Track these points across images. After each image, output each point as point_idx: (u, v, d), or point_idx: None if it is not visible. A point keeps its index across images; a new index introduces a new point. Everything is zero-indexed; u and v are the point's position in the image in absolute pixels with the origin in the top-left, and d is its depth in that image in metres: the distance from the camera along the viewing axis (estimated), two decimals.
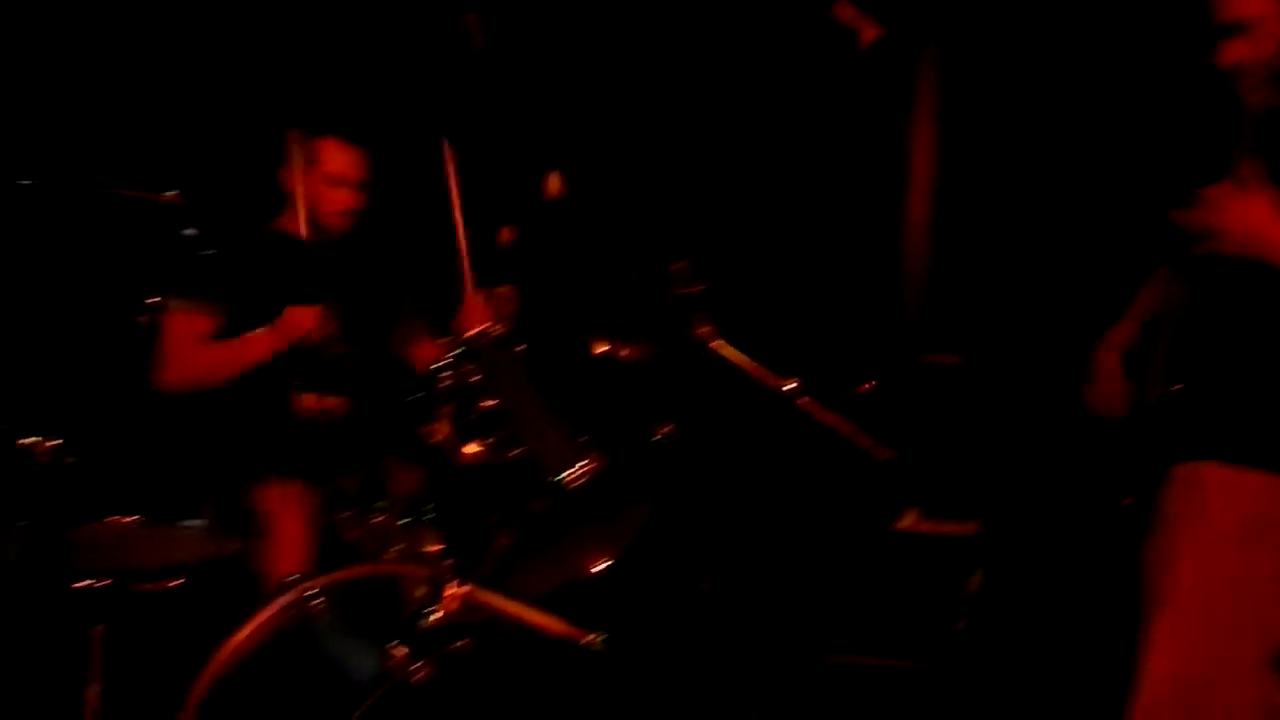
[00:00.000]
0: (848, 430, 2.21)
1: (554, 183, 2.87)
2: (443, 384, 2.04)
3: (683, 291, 2.24)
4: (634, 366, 2.34)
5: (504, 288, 2.59)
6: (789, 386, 2.16)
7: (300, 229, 2.50)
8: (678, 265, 2.25)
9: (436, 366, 2.05)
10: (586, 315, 2.41)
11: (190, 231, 2.41)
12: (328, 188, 2.57)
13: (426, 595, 1.90)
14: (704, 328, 2.22)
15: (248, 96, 3.09)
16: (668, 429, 2.26)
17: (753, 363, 2.19)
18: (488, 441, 2.06)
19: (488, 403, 2.08)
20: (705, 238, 3.31)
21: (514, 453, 2.07)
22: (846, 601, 3.04)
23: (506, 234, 2.61)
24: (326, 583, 1.96)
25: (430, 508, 2.07)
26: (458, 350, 2.08)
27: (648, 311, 2.34)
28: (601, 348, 2.32)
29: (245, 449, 2.47)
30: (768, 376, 2.19)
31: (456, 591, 1.88)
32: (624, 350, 2.34)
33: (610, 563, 2.22)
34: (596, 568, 2.22)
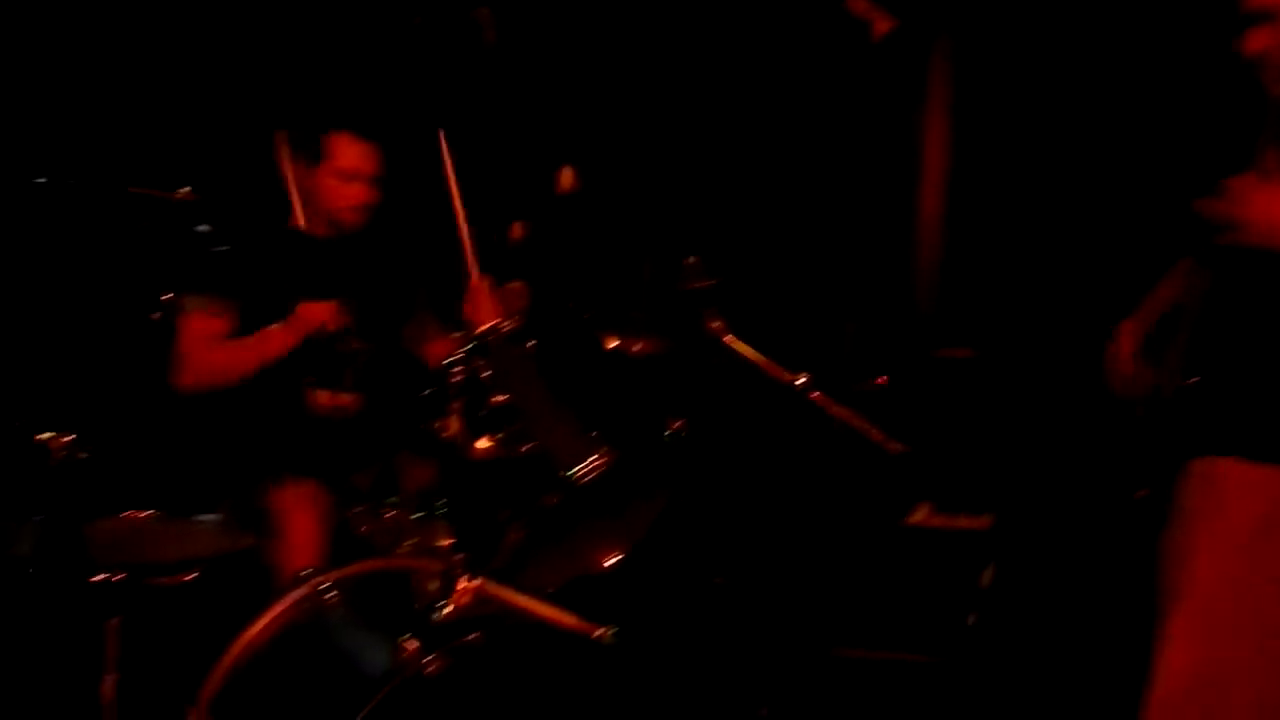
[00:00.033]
0: (859, 424, 2.20)
1: (567, 177, 2.88)
2: (454, 379, 2.04)
3: (694, 286, 2.24)
4: (645, 361, 2.34)
5: (515, 283, 2.59)
6: (800, 381, 2.16)
7: (300, 222, 2.50)
8: (689, 260, 2.25)
9: (448, 362, 2.05)
10: (598, 310, 2.42)
11: (204, 228, 2.42)
12: (340, 183, 2.57)
13: (438, 589, 1.91)
14: (715, 322, 2.22)
15: (260, 93, 3.09)
16: (679, 424, 2.26)
17: (764, 358, 2.19)
18: (499, 436, 2.07)
19: (499, 398, 2.09)
20: (717, 232, 3.31)
21: (525, 448, 2.08)
22: (858, 596, 3.03)
23: (518, 229, 2.62)
24: (339, 577, 1.98)
25: (442, 502, 2.08)
26: (469, 345, 2.09)
27: (659, 306, 2.34)
28: (613, 343, 2.33)
29: (259, 446, 2.48)
30: (779, 371, 2.19)
31: (468, 585, 1.88)
32: (635, 345, 2.34)
33: (621, 557, 2.22)
34: (608, 562, 2.22)
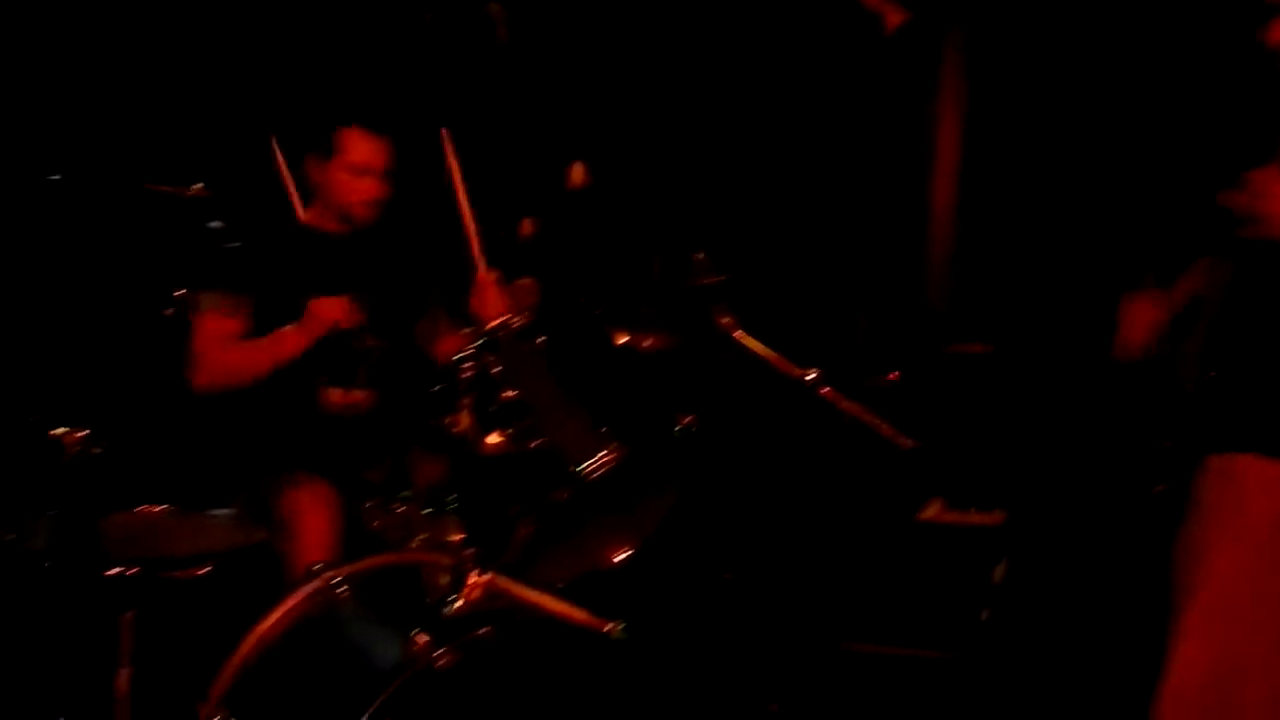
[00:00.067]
0: (870, 420, 2.20)
1: (578, 173, 2.88)
2: (465, 375, 2.05)
3: (704, 282, 2.24)
4: (655, 357, 2.34)
5: (525, 279, 2.59)
6: (810, 376, 2.15)
7: (300, 218, 2.51)
8: (698, 255, 2.25)
9: (458, 358, 2.06)
10: (608, 306, 2.42)
11: (216, 224, 2.43)
12: (352, 177, 2.57)
13: (449, 584, 1.92)
14: (725, 318, 2.22)
15: (271, 89, 3.11)
16: (689, 419, 2.26)
17: (774, 353, 2.19)
18: (509, 432, 2.07)
19: (509, 394, 2.09)
20: (727, 227, 3.30)
21: (535, 443, 2.08)
22: (870, 591, 3.03)
23: (528, 225, 2.62)
24: (351, 571, 1.99)
25: (453, 498, 2.09)
26: (479, 341, 2.09)
27: (669, 302, 2.34)
28: (623, 338, 2.33)
29: (272, 443, 2.49)
30: (789, 367, 2.18)
31: (478, 580, 1.89)
32: (645, 341, 2.34)
33: (631, 552, 2.23)
34: (617, 557, 2.22)
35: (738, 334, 2.20)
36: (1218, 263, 2.14)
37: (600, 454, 2.09)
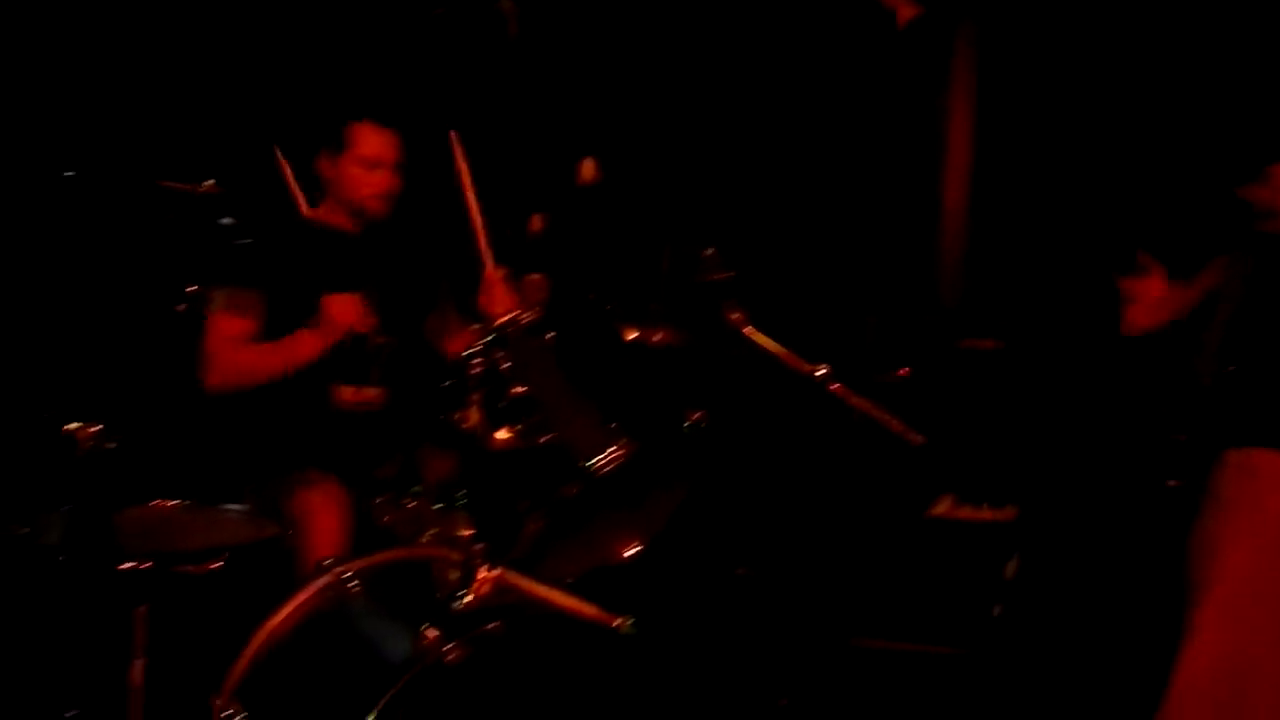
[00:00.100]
0: (880, 416, 2.19)
1: (588, 168, 2.87)
2: (474, 371, 2.06)
3: (714, 277, 2.24)
4: (665, 353, 2.34)
5: (535, 275, 2.59)
6: (820, 372, 2.15)
7: (305, 212, 2.51)
8: (708, 251, 2.25)
9: (467, 354, 2.07)
10: (617, 302, 2.42)
11: (227, 221, 2.44)
12: (364, 171, 2.57)
13: (459, 579, 1.92)
14: (735, 314, 2.22)
15: (283, 86, 3.12)
16: (698, 415, 2.26)
17: (784, 349, 2.19)
18: (518, 428, 2.08)
19: (519, 389, 2.09)
20: (737, 223, 3.30)
21: (545, 439, 2.09)
22: (881, 587, 3.03)
23: (537, 221, 2.62)
24: (362, 566, 2.00)
25: (463, 493, 2.10)
26: (489, 337, 2.10)
27: (678, 297, 2.35)
28: (632, 334, 2.33)
29: (284, 441, 2.50)
30: (799, 362, 2.18)
31: (488, 575, 1.90)
32: (655, 336, 2.34)
33: (640, 548, 2.23)
34: (627, 553, 2.23)
35: (747, 329, 2.19)
36: (1237, 257, 2.13)
37: (609, 449, 2.10)
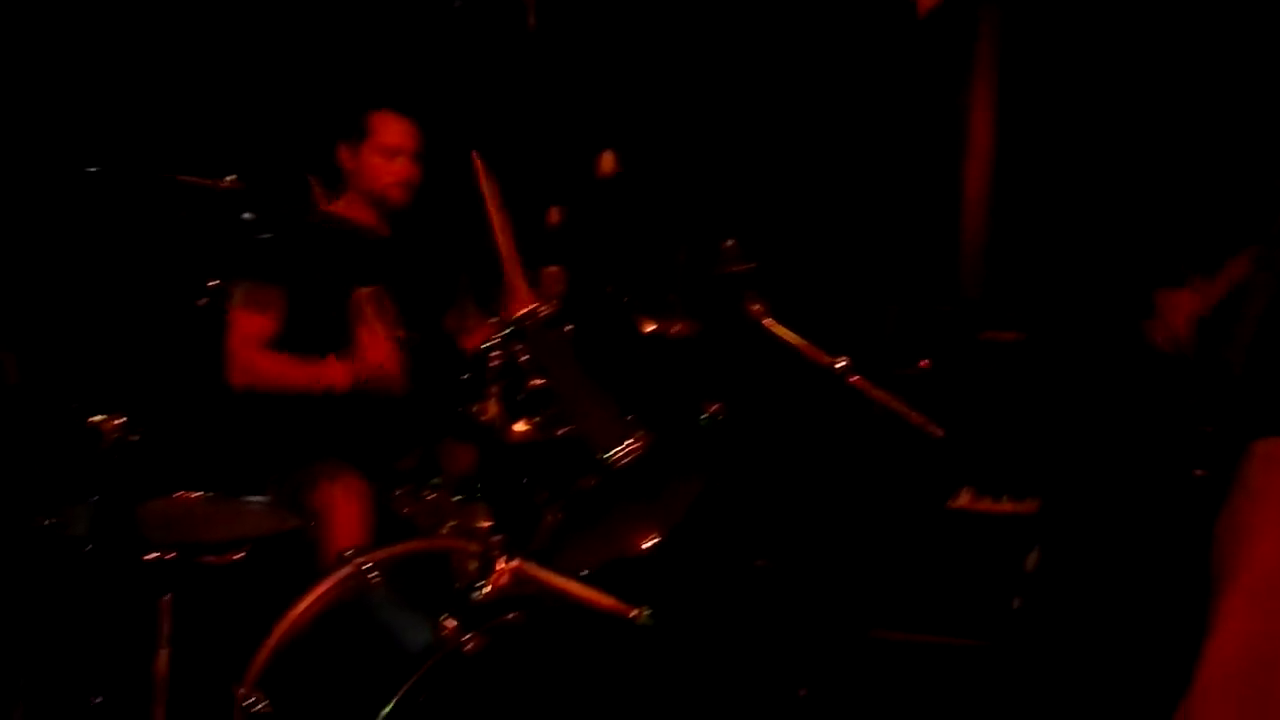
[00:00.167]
0: (900, 408, 2.19)
1: (608, 161, 2.87)
2: (492, 364, 2.06)
3: (733, 269, 2.23)
4: (683, 345, 2.34)
5: (552, 268, 2.60)
6: (840, 364, 2.14)
7: (321, 205, 2.53)
8: (727, 243, 2.24)
9: (486, 346, 2.08)
10: (635, 294, 2.42)
11: (249, 216, 2.46)
12: (385, 159, 2.59)
13: (478, 570, 1.94)
14: (755, 305, 2.21)
15: (304, 79, 3.13)
16: (717, 407, 2.26)
17: (804, 340, 2.18)
18: (537, 420, 2.08)
19: (537, 382, 2.10)
20: (757, 214, 3.29)
21: (563, 431, 2.10)
22: (901, 579, 3.02)
23: (555, 214, 2.62)
24: (382, 557, 2.02)
25: (481, 485, 2.11)
26: (507, 330, 2.11)
27: (697, 289, 2.34)
28: (650, 326, 2.33)
29: (306, 434, 2.53)
30: (819, 354, 2.17)
31: (506, 566, 1.91)
32: (673, 328, 2.34)
33: (658, 540, 2.23)
34: (644, 544, 2.23)
35: (767, 321, 2.19)
36: (1266, 248, 2.10)
37: (627, 441, 2.10)
